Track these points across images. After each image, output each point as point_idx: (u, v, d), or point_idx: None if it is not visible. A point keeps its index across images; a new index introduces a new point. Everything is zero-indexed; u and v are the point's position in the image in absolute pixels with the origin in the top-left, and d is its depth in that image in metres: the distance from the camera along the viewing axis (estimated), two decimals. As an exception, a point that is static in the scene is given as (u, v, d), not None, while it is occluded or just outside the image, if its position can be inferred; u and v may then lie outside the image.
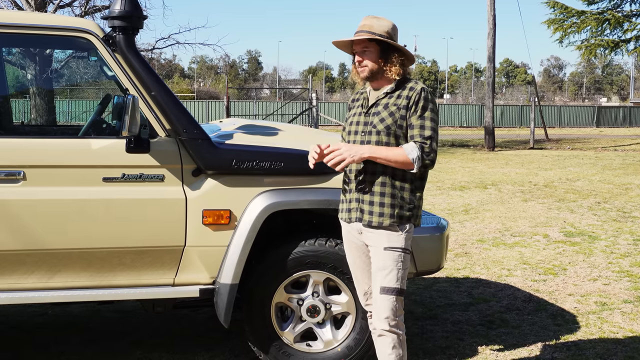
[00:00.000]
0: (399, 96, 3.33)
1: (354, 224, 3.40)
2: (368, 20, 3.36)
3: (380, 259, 3.32)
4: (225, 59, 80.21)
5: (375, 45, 3.32)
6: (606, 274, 6.50)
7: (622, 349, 4.60)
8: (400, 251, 3.32)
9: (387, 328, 3.34)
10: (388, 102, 3.34)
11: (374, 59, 3.33)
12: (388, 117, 3.30)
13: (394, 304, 3.32)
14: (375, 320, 3.40)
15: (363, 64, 3.34)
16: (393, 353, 3.36)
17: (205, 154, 3.81)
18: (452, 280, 6.34)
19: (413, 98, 3.30)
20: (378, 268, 3.34)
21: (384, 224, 3.30)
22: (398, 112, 3.30)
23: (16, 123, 5.65)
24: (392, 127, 3.29)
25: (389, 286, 3.31)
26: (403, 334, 3.39)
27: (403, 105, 3.30)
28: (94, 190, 3.72)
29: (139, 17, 3.82)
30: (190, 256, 3.87)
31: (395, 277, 3.31)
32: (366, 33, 3.31)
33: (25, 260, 3.71)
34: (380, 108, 3.34)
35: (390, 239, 3.31)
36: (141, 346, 4.59)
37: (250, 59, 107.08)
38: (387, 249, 3.31)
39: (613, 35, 26.23)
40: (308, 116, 26.70)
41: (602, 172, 15.72)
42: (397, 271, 3.31)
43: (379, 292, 3.33)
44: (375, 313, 3.39)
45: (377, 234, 3.32)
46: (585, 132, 37.92)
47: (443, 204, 10.77)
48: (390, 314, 3.32)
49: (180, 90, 59.07)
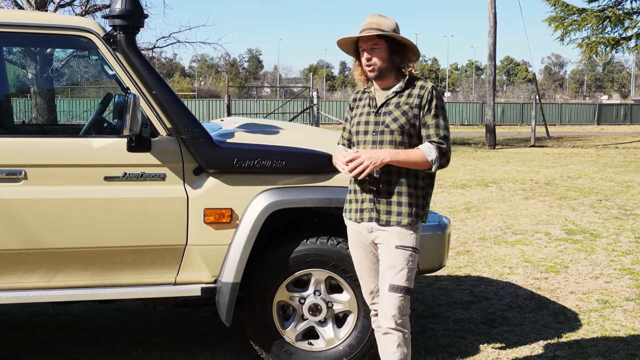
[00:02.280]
0: (410, 95, 3.32)
1: (366, 224, 3.37)
2: (375, 17, 3.33)
3: (391, 256, 3.31)
4: (226, 58, 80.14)
5: (385, 42, 3.30)
6: (608, 272, 6.50)
7: (624, 346, 4.59)
8: (411, 250, 3.32)
9: (393, 326, 3.33)
10: (399, 101, 3.32)
11: (383, 57, 3.31)
12: (401, 117, 3.29)
13: (402, 303, 3.31)
14: (381, 318, 3.39)
15: (372, 62, 3.31)
16: (398, 351, 3.36)
17: (206, 153, 3.80)
18: (454, 278, 6.33)
19: (425, 97, 3.30)
20: (388, 266, 3.32)
21: (402, 222, 3.29)
22: (411, 111, 3.29)
23: (17, 122, 5.65)
24: (406, 126, 3.29)
25: (398, 284, 3.30)
26: (408, 332, 3.39)
27: (415, 104, 3.30)
28: (95, 189, 3.72)
29: (139, 15, 3.82)
30: (191, 255, 3.87)
31: (404, 276, 3.30)
32: (375, 30, 3.28)
33: (27, 259, 3.71)
34: (392, 107, 3.32)
35: (402, 238, 3.30)
36: (143, 345, 4.59)
37: (251, 58, 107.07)
38: (399, 248, 3.30)
39: (614, 32, 26.25)
40: (309, 115, 26.70)
41: (603, 170, 15.71)
42: (407, 270, 3.30)
43: (388, 289, 3.31)
44: (381, 311, 3.38)
45: (390, 232, 3.31)
46: (587, 130, 37.90)
47: (444, 202, 10.76)
48: (397, 312, 3.31)
49: (181, 89, 59.08)
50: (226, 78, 29.28)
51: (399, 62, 3.33)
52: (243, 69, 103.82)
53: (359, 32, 3.33)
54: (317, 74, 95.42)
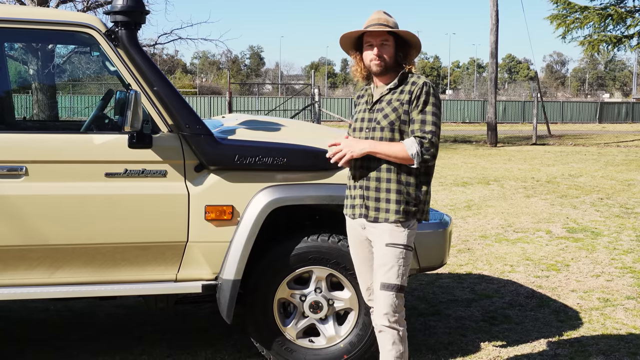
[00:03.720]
0: (402, 91, 3.33)
1: (358, 220, 3.41)
2: (382, 14, 3.34)
3: (382, 254, 3.33)
4: (228, 55, 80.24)
5: (393, 39, 3.31)
6: (609, 270, 6.49)
7: (625, 345, 4.59)
8: (402, 248, 3.31)
9: (386, 324, 3.34)
10: (391, 97, 3.34)
11: (391, 53, 3.32)
12: (392, 113, 3.30)
13: (394, 301, 3.32)
14: (375, 316, 3.41)
15: (381, 57, 3.31)
16: (393, 349, 3.36)
17: (207, 150, 3.80)
18: (455, 276, 6.33)
19: (415, 92, 3.29)
20: (379, 264, 3.34)
21: (389, 219, 3.29)
22: (401, 108, 3.30)
23: (18, 118, 5.64)
24: (396, 122, 3.29)
25: (389, 282, 3.31)
26: (404, 330, 3.39)
27: (406, 100, 3.30)
28: (96, 185, 3.72)
29: (141, 12, 3.82)
30: (192, 252, 3.86)
31: (395, 274, 3.31)
32: (384, 26, 3.29)
33: (28, 255, 3.71)
34: (384, 104, 3.34)
35: (392, 235, 3.31)
36: (143, 342, 4.59)
37: (252, 55, 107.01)
38: (389, 245, 3.31)
39: (616, 30, 26.19)
40: (310, 112, 26.69)
41: (604, 168, 15.70)
42: (397, 267, 3.31)
43: (379, 288, 3.33)
44: (375, 309, 3.40)
45: (380, 229, 3.32)
46: (588, 128, 37.87)
47: (445, 199, 10.76)
48: (390, 310, 3.32)
49: (183, 85, 59.05)
50: (228, 75, 29.29)
51: (402, 59, 3.35)
52: (245, 66, 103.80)
53: (366, 27, 3.33)
54: (318, 71, 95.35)
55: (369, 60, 3.34)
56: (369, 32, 3.31)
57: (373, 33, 3.30)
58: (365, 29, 3.32)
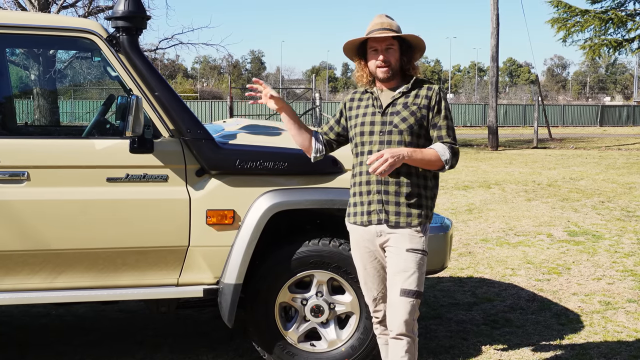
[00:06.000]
0: (417, 95, 3.31)
1: (374, 227, 3.31)
2: (384, 18, 3.32)
3: (402, 260, 3.25)
4: (229, 59, 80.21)
5: (397, 43, 3.30)
6: (610, 273, 6.49)
7: (626, 348, 4.59)
8: (421, 253, 3.28)
9: (404, 332, 3.26)
10: (407, 101, 3.30)
11: (397, 57, 3.31)
12: (410, 117, 3.27)
13: (414, 307, 3.25)
14: (391, 324, 3.30)
15: (387, 62, 3.29)
16: (406, 356, 3.29)
17: (208, 154, 3.81)
18: (456, 279, 6.33)
19: (434, 98, 3.30)
20: (399, 270, 3.25)
21: (412, 223, 3.26)
22: (419, 112, 3.28)
23: (20, 124, 5.66)
24: (415, 126, 3.27)
25: (410, 289, 3.24)
26: (416, 337, 3.34)
27: (424, 104, 3.29)
28: (98, 190, 3.73)
29: (142, 17, 3.83)
30: (194, 256, 3.87)
31: (416, 280, 3.24)
32: (389, 30, 3.26)
33: (29, 260, 3.72)
34: (400, 107, 3.30)
35: (412, 241, 3.26)
36: (145, 346, 4.59)
37: (253, 59, 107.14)
38: (410, 251, 3.25)
39: (617, 34, 26.23)
40: (311, 116, 26.71)
41: (605, 171, 15.70)
42: (418, 274, 3.25)
43: (399, 294, 3.24)
44: (392, 316, 3.29)
45: (400, 234, 3.26)
46: (589, 132, 37.85)
47: (447, 203, 10.76)
48: (409, 317, 3.25)
49: (184, 90, 59.09)
50: (229, 79, 29.29)
51: (405, 63, 3.33)
52: (246, 71, 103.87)
53: (369, 33, 3.29)
54: (319, 76, 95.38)
55: (375, 67, 3.31)
56: (374, 38, 3.28)
57: (378, 38, 3.27)
58: (370, 34, 3.28)
